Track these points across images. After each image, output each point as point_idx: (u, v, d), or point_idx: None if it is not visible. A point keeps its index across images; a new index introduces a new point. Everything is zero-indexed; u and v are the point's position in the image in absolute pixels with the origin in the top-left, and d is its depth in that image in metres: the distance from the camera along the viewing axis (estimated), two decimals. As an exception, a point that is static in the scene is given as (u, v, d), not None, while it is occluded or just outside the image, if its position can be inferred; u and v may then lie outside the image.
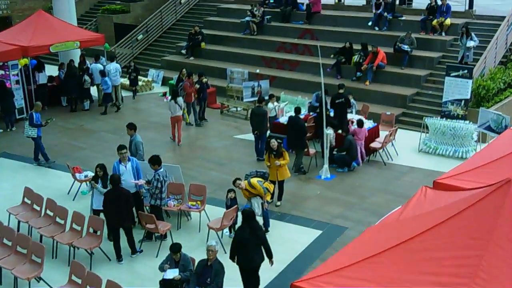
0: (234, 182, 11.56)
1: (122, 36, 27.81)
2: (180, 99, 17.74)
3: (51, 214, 11.91)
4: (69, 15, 23.24)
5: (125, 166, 11.94)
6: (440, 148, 16.27)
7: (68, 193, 14.09)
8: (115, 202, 10.86)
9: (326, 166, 14.97)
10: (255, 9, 25.32)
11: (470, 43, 19.02)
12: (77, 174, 14.02)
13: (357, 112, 17.91)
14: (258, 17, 25.19)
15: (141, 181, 11.85)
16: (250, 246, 9.38)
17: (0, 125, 18.92)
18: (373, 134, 16.50)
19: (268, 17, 25.43)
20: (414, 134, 17.58)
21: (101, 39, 22.21)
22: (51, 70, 22.81)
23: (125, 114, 20.73)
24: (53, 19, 21.72)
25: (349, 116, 17.02)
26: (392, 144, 16.54)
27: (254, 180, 11.65)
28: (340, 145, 15.42)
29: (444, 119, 16.92)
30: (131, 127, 13.74)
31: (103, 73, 20.48)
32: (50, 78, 21.58)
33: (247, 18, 25.33)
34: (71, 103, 21.08)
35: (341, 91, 17.19)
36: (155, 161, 11.52)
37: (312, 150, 15.59)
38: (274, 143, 12.97)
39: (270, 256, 9.57)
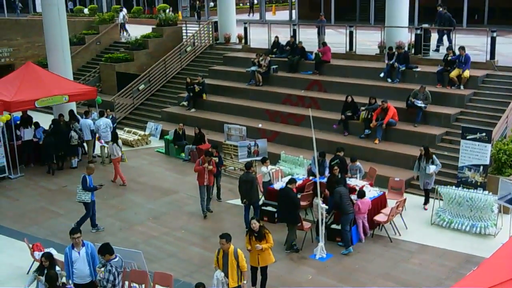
0: (221, 237, 10.24)
1: (125, 85, 26.57)
2: (120, 142, 18.12)
3: (-9, 307, 10.30)
4: (64, 66, 21.93)
5: (79, 253, 10.25)
6: (455, 221, 14.25)
7: (28, 273, 12.44)
8: None
9: (321, 244, 13.08)
10: (260, 58, 23.86)
11: (431, 169, 15.11)
12: (36, 253, 12.39)
13: (364, 177, 16.07)
14: (264, 67, 23.70)
15: (101, 272, 10.06)
16: None
17: (-24, 186, 17.63)
18: (379, 204, 14.58)
19: (274, 66, 23.91)
20: (427, 201, 15.58)
21: (93, 92, 20.94)
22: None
23: (112, 173, 19.20)
24: (42, 71, 20.52)
25: (354, 182, 15.23)
26: (401, 215, 14.56)
27: (242, 254, 10.24)
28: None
29: (461, 187, 14.98)
30: None
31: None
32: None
33: (252, 68, 23.87)
34: (58, 160, 19.70)
35: (338, 153, 15.63)
36: (105, 250, 9.81)
37: (307, 224, 13.71)
38: (255, 223, 11.22)
39: None
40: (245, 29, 27.41)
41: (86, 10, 47.11)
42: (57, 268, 10.62)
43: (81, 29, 33.37)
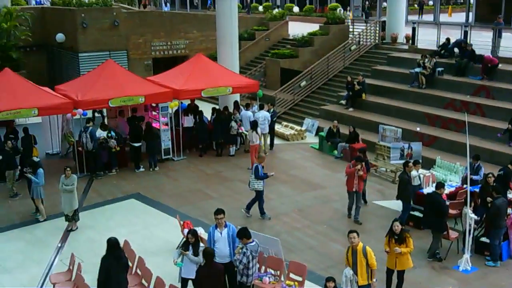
0: (348, 234, 10.28)
1: (287, 81, 27.26)
2: (259, 129, 19.28)
3: (140, 273, 11.28)
4: (232, 59, 23.14)
5: (221, 233, 10.86)
6: None
7: (177, 248, 13.41)
8: (209, 281, 9.69)
9: (466, 256, 12.41)
10: (426, 60, 23.06)
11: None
12: (186, 230, 13.26)
13: (524, 190, 14.89)
14: (429, 69, 22.87)
15: (238, 254, 10.60)
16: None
17: (143, 164, 19.22)
18: (538, 221, 13.41)
19: (440, 69, 22.96)
20: None
21: (255, 85, 21.80)
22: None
23: (266, 164, 19.77)
24: (210, 63, 21.83)
25: (512, 195, 14.22)
26: None
27: (371, 251, 10.14)
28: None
29: None
30: None
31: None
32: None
33: (416, 69, 23.17)
34: (217, 147, 20.87)
35: (510, 166, 14.57)
36: (242, 234, 10.30)
37: (453, 233, 13.08)
38: (398, 226, 10.96)
39: None
40: (413, 29, 26.63)
41: (261, 8, 48.88)
42: (201, 245, 11.31)
43: (253, 25, 34.76)
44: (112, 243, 9.95)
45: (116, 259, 9.86)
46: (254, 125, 19.19)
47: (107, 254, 9.92)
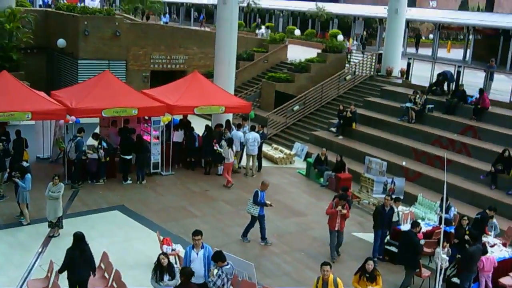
0: (322, 266, 10.65)
1: (281, 104, 27.71)
2: (234, 147, 19.94)
3: (115, 286, 11.50)
4: (228, 79, 23.45)
5: (197, 254, 11.14)
6: None
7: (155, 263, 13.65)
8: None
9: (436, 295, 12.69)
10: (417, 96, 23.55)
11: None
12: (164, 246, 13.54)
13: (499, 235, 15.24)
14: (419, 105, 23.35)
15: (212, 276, 10.83)
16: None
17: (131, 176, 19.45)
18: (510, 266, 13.76)
19: (430, 106, 23.44)
20: None
21: (247, 107, 22.14)
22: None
23: (252, 186, 20.06)
24: (205, 81, 22.15)
25: (486, 238, 14.52)
26: (533, 283, 13.59)
27: (341, 283, 10.49)
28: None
29: None
30: None
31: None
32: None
33: (407, 104, 23.66)
34: (206, 165, 21.14)
35: (488, 211, 14.98)
36: (217, 258, 10.56)
37: (426, 272, 13.39)
38: (370, 265, 11.25)
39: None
40: (408, 64, 27.15)
41: (263, 28, 49.38)
42: (177, 264, 11.57)
43: (252, 46, 35.23)
44: (78, 237, 11.09)
45: (80, 251, 10.93)
46: (229, 142, 19.93)
47: (72, 246, 11.04)
